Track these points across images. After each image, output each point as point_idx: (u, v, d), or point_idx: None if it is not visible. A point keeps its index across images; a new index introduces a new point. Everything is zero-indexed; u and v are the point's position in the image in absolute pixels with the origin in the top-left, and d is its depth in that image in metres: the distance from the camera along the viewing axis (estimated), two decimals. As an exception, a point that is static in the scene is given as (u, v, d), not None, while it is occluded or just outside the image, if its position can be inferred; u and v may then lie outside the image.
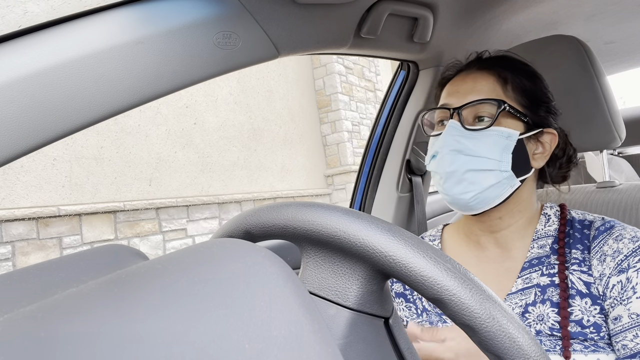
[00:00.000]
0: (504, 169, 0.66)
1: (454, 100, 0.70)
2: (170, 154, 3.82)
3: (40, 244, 2.92)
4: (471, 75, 0.72)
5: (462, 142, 0.66)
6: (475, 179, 0.66)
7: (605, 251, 0.64)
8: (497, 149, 0.66)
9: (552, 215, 0.72)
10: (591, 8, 1.05)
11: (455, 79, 0.74)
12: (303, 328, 0.18)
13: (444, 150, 0.67)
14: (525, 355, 0.26)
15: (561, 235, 0.69)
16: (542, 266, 0.67)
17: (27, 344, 0.14)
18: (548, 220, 0.72)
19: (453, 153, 0.67)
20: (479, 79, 0.70)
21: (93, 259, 0.22)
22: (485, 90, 0.68)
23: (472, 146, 0.66)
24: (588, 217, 0.71)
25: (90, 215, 3.17)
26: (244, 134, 4.53)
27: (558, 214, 0.72)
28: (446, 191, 0.68)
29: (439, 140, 0.69)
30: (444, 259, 0.29)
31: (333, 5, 0.71)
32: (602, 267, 0.63)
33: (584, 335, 0.60)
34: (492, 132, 0.66)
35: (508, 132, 0.66)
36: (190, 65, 0.55)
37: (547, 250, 0.68)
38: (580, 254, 0.66)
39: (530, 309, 0.65)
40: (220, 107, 4.34)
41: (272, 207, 0.34)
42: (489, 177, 0.66)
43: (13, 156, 0.44)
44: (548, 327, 0.63)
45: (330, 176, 5.43)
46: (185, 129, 3.97)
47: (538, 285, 0.66)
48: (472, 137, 0.66)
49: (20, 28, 0.46)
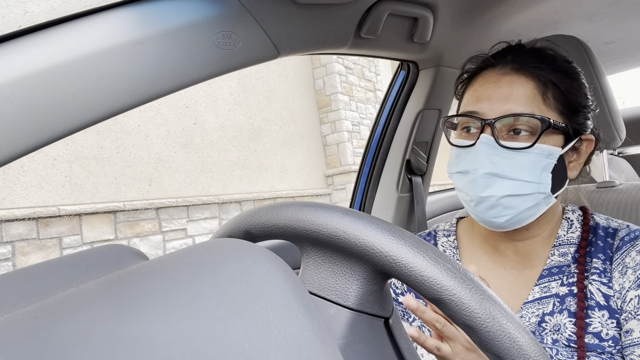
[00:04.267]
0: (543, 190, 0.60)
1: (486, 108, 0.61)
2: (170, 154, 3.82)
3: (40, 244, 2.92)
4: (506, 78, 0.62)
5: (498, 163, 0.59)
6: (512, 204, 0.59)
7: (627, 263, 0.60)
8: (537, 170, 0.59)
9: (575, 220, 0.67)
10: (591, 8, 1.05)
11: (485, 78, 0.64)
12: (303, 328, 0.18)
13: (477, 172, 0.60)
14: (525, 355, 0.26)
15: (583, 243, 0.63)
16: (562, 275, 0.63)
17: (27, 344, 0.14)
18: (571, 226, 0.66)
19: (487, 177, 0.59)
20: (515, 83, 0.61)
21: (93, 259, 0.22)
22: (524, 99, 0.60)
23: (509, 168, 0.58)
24: (612, 224, 0.65)
25: (90, 215, 3.17)
26: (244, 134, 4.53)
27: (581, 218, 0.67)
28: (477, 214, 0.62)
29: (470, 158, 0.61)
30: (444, 259, 0.28)
31: (333, 5, 0.70)
32: (622, 280, 0.59)
33: (602, 349, 0.57)
34: (533, 151, 0.58)
35: (549, 150, 0.59)
36: (190, 65, 0.55)
37: (568, 259, 0.63)
38: (601, 263, 0.61)
39: (547, 319, 0.61)
40: (220, 107, 4.34)
41: (272, 207, 0.34)
42: (527, 200, 0.60)
43: (13, 156, 0.44)
44: (565, 338, 0.59)
45: (330, 176, 5.43)
46: (185, 129, 3.97)
47: (557, 295, 0.62)
48: (509, 157, 0.59)
49: (20, 28, 0.46)
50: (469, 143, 0.62)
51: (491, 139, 0.60)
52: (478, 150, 0.60)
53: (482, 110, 0.62)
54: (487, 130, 0.60)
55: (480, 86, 0.64)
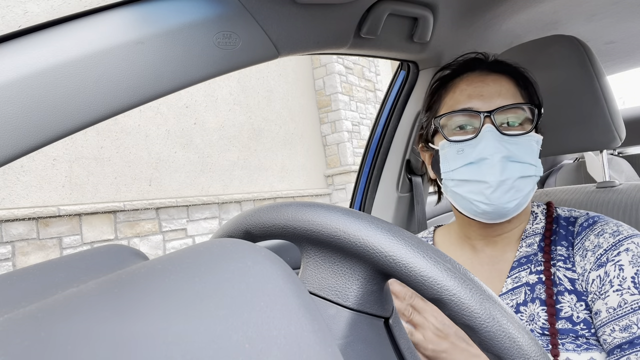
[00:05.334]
0: (539, 173, 0.66)
1: (480, 104, 0.66)
2: (170, 154, 3.82)
3: (40, 244, 2.92)
4: (491, 77, 0.69)
5: (508, 147, 0.63)
6: (521, 186, 0.64)
7: (586, 247, 0.64)
8: (534, 154, 0.65)
9: (540, 213, 0.72)
10: (591, 8, 1.05)
11: (470, 79, 0.70)
12: (303, 328, 0.18)
13: (494, 157, 0.63)
14: (525, 355, 0.26)
15: (547, 233, 0.69)
16: (530, 264, 0.67)
17: (27, 344, 0.14)
18: (535, 219, 0.72)
19: (504, 160, 0.63)
20: (501, 82, 0.68)
21: (93, 259, 0.22)
22: (511, 94, 0.67)
23: (518, 152, 0.63)
24: (574, 213, 0.71)
25: (90, 215, 3.17)
26: (244, 134, 4.53)
27: (545, 212, 0.72)
28: (493, 200, 0.64)
29: (481, 147, 0.64)
30: (444, 259, 0.29)
31: (333, 5, 0.70)
32: (583, 262, 0.63)
33: (575, 333, 0.60)
34: (529, 138, 0.65)
35: (537, 137, 0.66)
36: (190, 65, 0.55)
37: (534, 249, 0.68)
38: (565, 250, 0.66)
39: (522, 309, 0.65)
40: (220, 107, 4.34)
41: (272, 207, 0.34)
42: (530, 183, 0.65)
43: (13, 156, 0.44)
44: (539, 327, 0.62)
45: (330, 176, 5.43)
46: (185, 129, 3.97)
47: (527, 284, 0.66)
48: (513, 143, 0.64)
49: (20, 28, 0.46)
50: (471, 136, 0.65)
51: (494, 128, 0.64)
52: (488, 138, 0.63)
53: (477, 106, 0.66)
54: (487, 122, 0.64)
55: (467, 86, 0.69)
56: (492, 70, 0.70)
